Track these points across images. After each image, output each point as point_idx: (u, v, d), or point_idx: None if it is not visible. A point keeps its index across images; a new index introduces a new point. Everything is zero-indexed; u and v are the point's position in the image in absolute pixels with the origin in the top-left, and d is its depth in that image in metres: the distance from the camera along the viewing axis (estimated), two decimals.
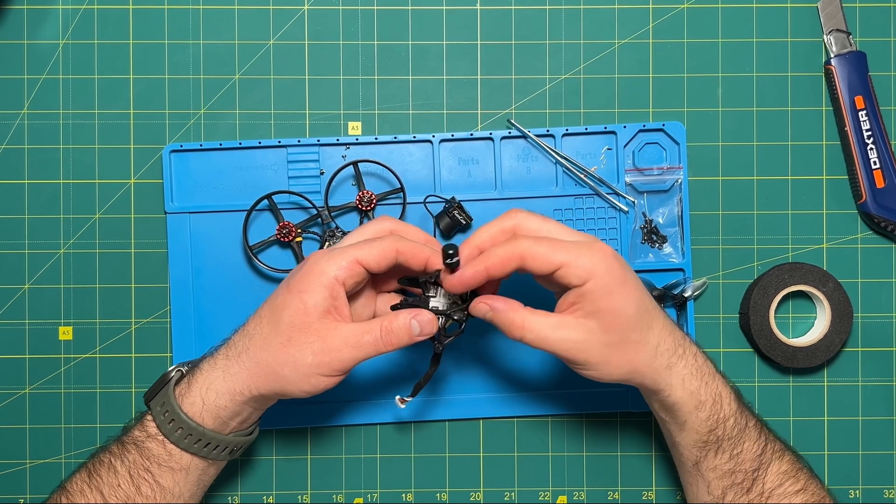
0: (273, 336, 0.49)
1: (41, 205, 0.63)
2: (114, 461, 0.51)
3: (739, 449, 0.52)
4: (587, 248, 0.48)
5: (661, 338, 0.50)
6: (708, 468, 0.52)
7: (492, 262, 0.48)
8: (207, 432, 0.50)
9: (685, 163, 0.63)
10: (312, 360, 0.49)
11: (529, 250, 0.48)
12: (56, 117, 0.63)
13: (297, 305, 0.49)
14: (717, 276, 0.64)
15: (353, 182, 0.63)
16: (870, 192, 0.63)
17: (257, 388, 0.50)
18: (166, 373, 0.53)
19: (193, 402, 0.50)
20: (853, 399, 0.64)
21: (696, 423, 0.51)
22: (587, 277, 0.47)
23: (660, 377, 0.50)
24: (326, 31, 0.64)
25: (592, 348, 0.49)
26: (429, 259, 0.51)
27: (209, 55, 0.63)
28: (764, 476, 0.52)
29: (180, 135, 0.63)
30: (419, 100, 0.64)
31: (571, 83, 0.64)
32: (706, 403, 0.51)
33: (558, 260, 0.47)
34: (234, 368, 0.50)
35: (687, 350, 0.51)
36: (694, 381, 0.51)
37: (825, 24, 0.64)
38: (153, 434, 0.51)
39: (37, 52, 0.63)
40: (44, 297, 0.63)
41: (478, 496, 0.64)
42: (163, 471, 0.51)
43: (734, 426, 0.51)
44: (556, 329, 0.48)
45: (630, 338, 0.49)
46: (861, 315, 0.64)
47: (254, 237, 0.62)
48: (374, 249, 0.50)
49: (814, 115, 0.64)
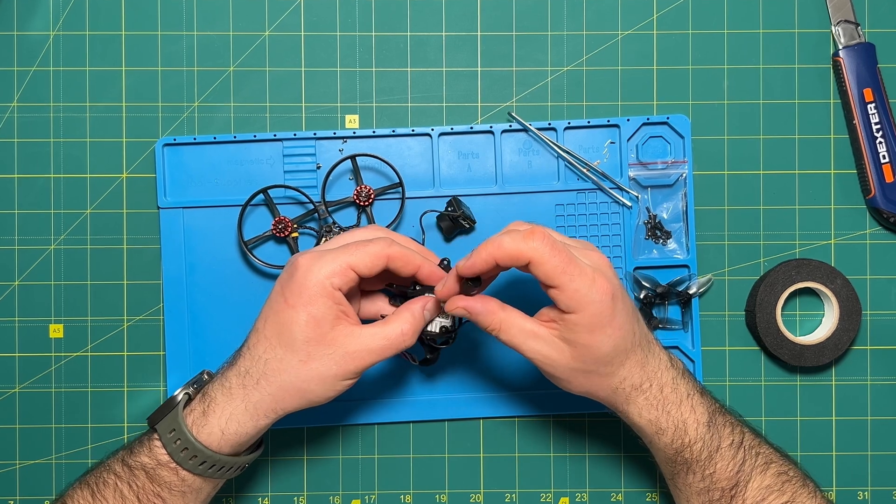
0: (290, 356, 0.49)
1: (31, 199, 0.63)
2: (120, 485, 0.50)
3: (712, 470, 0.51)
4: (589, 282, 0.48)
5: (630, 373, 0.51)
6: (683, 484, 0.53)
7: (501, 254, 0.48)
8: (224, 458, 0.50)
9: (690, 157, 0.62)
10: (337, 369, 0.49)
11: (542, 257, 0.47)
12: (46, 110, 0.63)
13: (307, 320, 0.49)
14: (722, 273, 0.64)
15: (351, 177, 0.62)
16: (879, 187, 0.62)
17: (283, 409, 0.50)
18: (173, 396, 0.52)
19: (211, 433, 0.50)
20: (862, 398, 0.64)
21: (661, 446, 0.52)
22: (575, 309, 0.48)
23: (618, 405, 0.52)
24: (323, 21, 0.63)
25: (559, 367, 0.50)
26: (420, 267, 0.51)
27: (203, 46, 0.63)
28: (743, 493, 0.51)
29: (174, 128, 0.63)
30: (418, 92, 0.63)
31: (574, 75, 0.63)
32: (666, 431, 0.51)
33: (557, 281, 0.47)
34: (255, 396, 0.50)
35: (654, 384, 0.51)
36: (653, 412, 0.51)
37: (833, 15, 0.63)
38: (164, 462, 0.50)
39: (27, 44, 0.63)
40: (34, 293, 0.62)
41: (478, 498, 0.63)
42: (174, 495, 0.51)
43: (703, 449, 0.51)
44: (529, 338, 0.50)
45: (598, 370, 0.50)
46: (870, 312, 0.64)
47: (249, 232, 0.61)
48: (365, 255, 0.49)
49: (821, 108, 0.64)
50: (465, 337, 0.62)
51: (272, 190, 0.61)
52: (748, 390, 0.63)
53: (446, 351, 0.61)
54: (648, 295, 0.62)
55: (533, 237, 0.47)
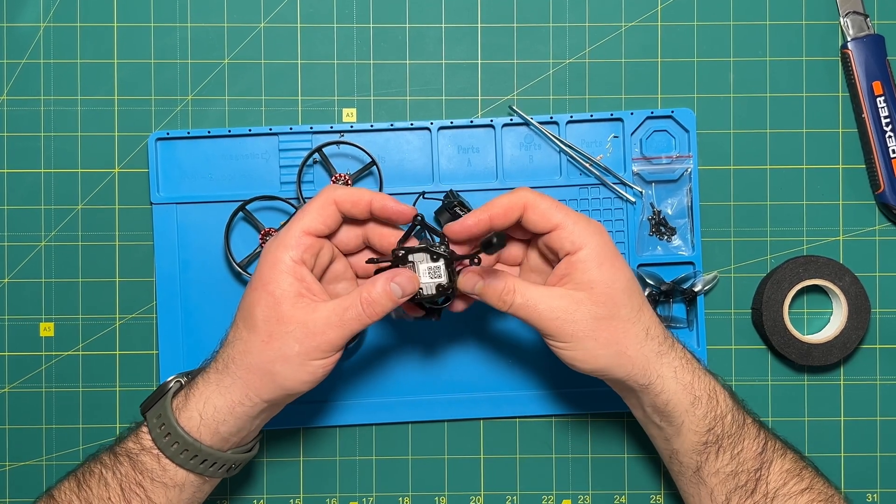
0: (252, 337, 0.49)
1: (21, 195, 0.62)
2: (105, 473, 0.50)
3: (740, 447, 0.51)
4: (584, 220, 0.50)
5: (652, 322, 0.50)
6: (710, 473, 0.51)
7: (495, 210, 0.49)
8: (204, 448, 0.49)
9: (695, 151, 0.62)
10: (300, 348, 0.48)
11: (532, 202, 0.49)
12: (37, 104, 0.62)
13: (265, 299, 0.48)
14: (728, 270, 0.63)
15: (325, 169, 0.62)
16: (888, 182, 0.62)
17: (258, 395, 0.49)
18: (164, 383, 0.52)
19: (191, 417, 0.49)
20: (871, 398, 0.63)
21: (694, 423, 0.50)
22: (581, 245, 0.49)
23: (650, 365, 0.50)
24: (320, 13, 0.63)
25: (581, 320, 0.48)
26: (371, 201, 0.51)
27: (197, 38, 0.62)
28: (767, 475, 0.51)
29: (167, 122, 0.62)
30: (417, 85, 0.63)
31: (576, 68, 0.63)
32: (702, 399, 0.50)
33: (557, 219, 0.49)
34: (227, 381, 0.49)
35: (675, 342, 0.51)
36: (686, 374, 0.50)
37: (841, 6, 0.63)
38: (148, 447, 0.50)
39: (16, 36, 0.62)
40: (23, 291, 0.62)
41: (478, 500, 0.63)
42: (156, 486, 0.50)
43: (732, 422, 0.51)
44: (544, 297, 0.49)
45: (620, 314, 0.49)
46: (879, 310, 0.63)
47: (238, 240, 0.61)
48: (312, 210, 0.50)
49: (829, 102, 0.63)
50: (465, 336, 0.62)
51: (250, 204, 0.60)
52: (754, 390, 0.63)
53: (446, 350, 0.61)
54: (653, 292, 0.61)
55: (519, 189, 0.50)
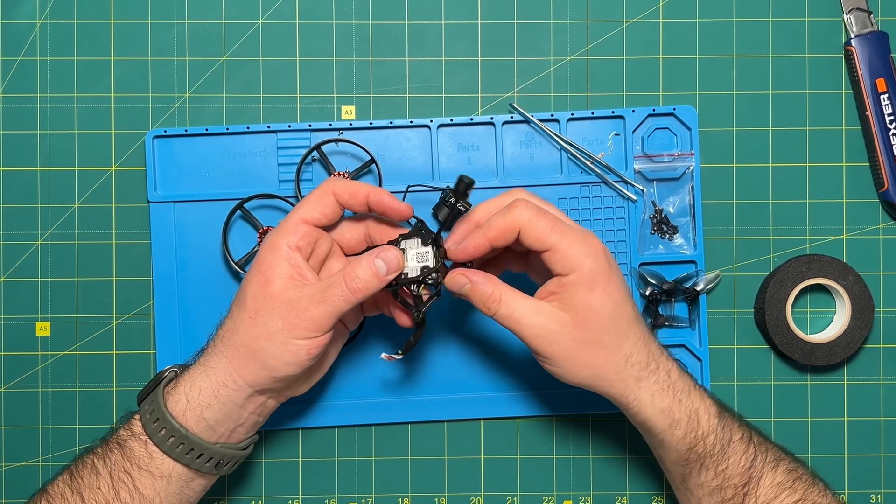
0: (241, 314, 0.50)
1: (17, 193, 0.62)
2: (97, 462, 0.50)
3: (725, 465, 0.51)
4: (581, 239, 0.49)
5: (635, 349, 0.50)
6: (695, 485, 0.52)
7: (493, 233, 0.49)
8: (190, 436, 0.49)
9: (697, 149, 0.62)
10: (283, 324, 0.48)
11: (528, 223, 0.49)
12: (33, 101, 0.62)
13: (257, 279, 0.50)
14: (730, 269, 0.63)
15: (323, 167, 0.62)
16: (892, 180, 0.62)
17: (241, 376, 0.50)
18: (161, 371, 0.53)
19: (178, 401, 0.50)
20: (874, 398, 0.63)
21: (674, 442, 0.51)
22: (571, 269, 0.48)
23: (628, 389, 0.50)
24: (318, 9, 0.62)
25: (561, 342, 0.49)
26: (368, 193, 0.51)
27: (194, 35, 0.62)
28: (756, 490, 0.51)
29: (164, 119, 0.62)
30: (416, 83, 0.62)
31: (577, 65, 0.62)
32: (680, 421, 0.50)
33: (550, 242, 0.48)
34: (213, 361, 0.50)
35: (661, 366, 0.51)
36: (665, 399, 0.50)
37: (845, 3, 0.63)
38: (137, 433, 0.50)
39: (12, 32, 0.62)
40: (20, 290, 0.62)
41: (478, 501, 0.62)
42: (143, 475, 0.50)
43: (715, 442, 0.50)
44: (529, 312, 0.49)
45: (602, 339, 0.49)
46: (883, 310, 0.63)
47: (237, 239, 0.61)
48: (310, 201, 0.51)
49: (833, 99, 0.63)
50: (464, 336, 0.62)
51: (249, 202, 0.60)
52: (757, 390, 0.62)
53: (446, 350, 0.60)
54: (654, 292, 0.60)
55: (516, 207, 0.49)
